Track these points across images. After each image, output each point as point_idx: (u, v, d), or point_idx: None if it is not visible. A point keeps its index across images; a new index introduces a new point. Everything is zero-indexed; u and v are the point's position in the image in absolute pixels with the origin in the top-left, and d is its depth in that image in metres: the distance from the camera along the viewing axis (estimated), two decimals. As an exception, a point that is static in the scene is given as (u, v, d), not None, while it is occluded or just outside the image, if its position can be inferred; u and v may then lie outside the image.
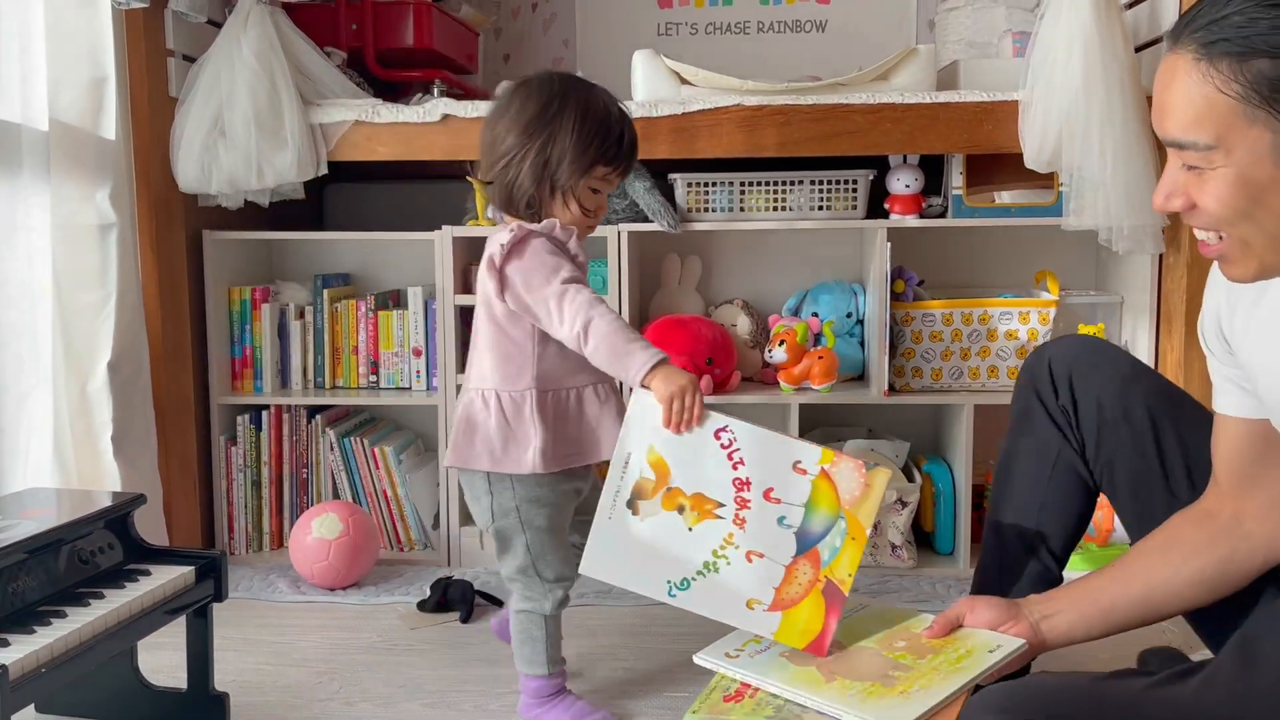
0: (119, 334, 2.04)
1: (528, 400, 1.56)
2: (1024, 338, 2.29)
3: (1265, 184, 0.96)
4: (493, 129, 1.60)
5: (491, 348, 1.58)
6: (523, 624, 1.63)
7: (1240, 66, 0.94)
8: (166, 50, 2.23)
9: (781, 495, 1.34)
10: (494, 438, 1.56)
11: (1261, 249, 1.00)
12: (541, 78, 1.62)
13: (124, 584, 1.48)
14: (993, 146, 2.19)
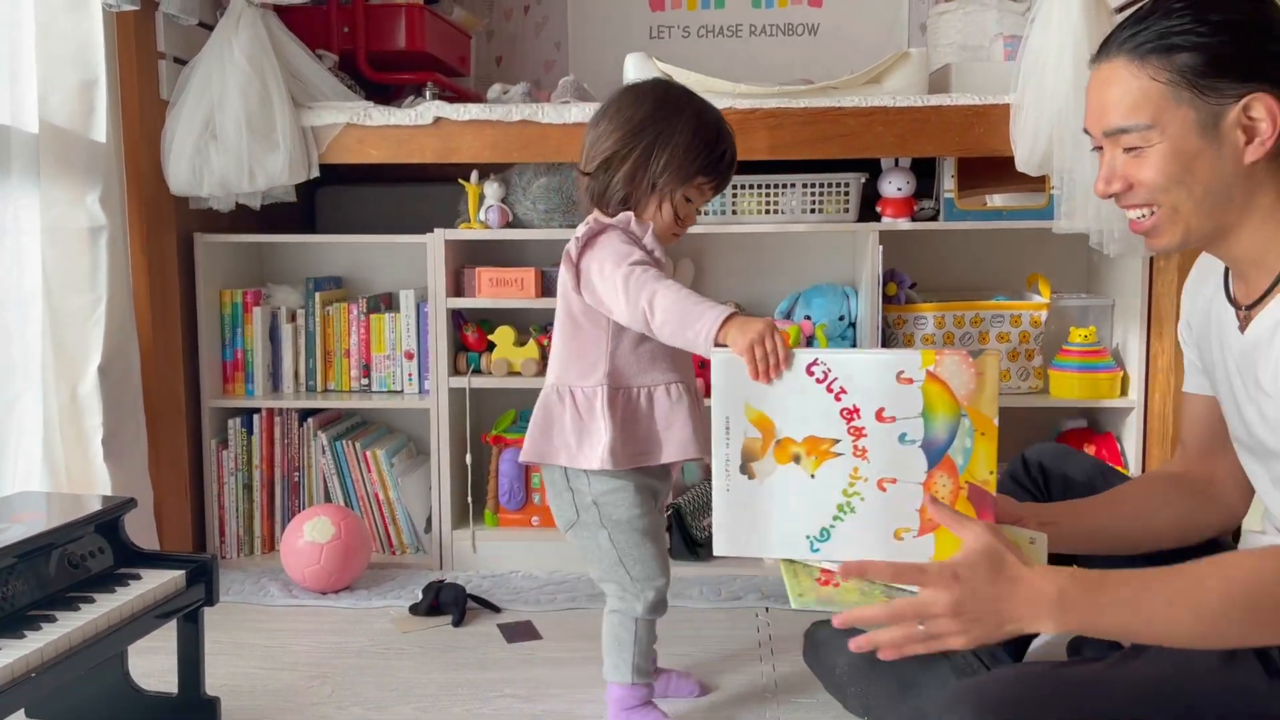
0: (109, 337, 2.04)
1: (599, 396, 1.55)
2: (1015, 340, 2.29)
3: (1193, 153, 1.15)
4: (596, 127, 1.61)
5: (567, 342, 1.59)
6: (612, 626, 1.61)
7: (1166, 60, 1.14)
8: (157, 52, 2.23)
9: (895, 412, 1.24)
10: (569, 433, 1.57)
11: (1188, 213, 1.18)
12: (655, 83, 1.65)
13: (114, 588, 1.47)
14: (984, 150, 2.20)
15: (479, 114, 2.26)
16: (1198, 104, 1.14)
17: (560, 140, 2.25)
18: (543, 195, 2.33)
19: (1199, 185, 1.17)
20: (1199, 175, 1.16)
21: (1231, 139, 1.14)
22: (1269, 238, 1.19)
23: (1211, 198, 1.17)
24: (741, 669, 1.85)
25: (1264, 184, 1.17)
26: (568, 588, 2.24)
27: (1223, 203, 1.18)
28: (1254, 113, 1.13)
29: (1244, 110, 1.13)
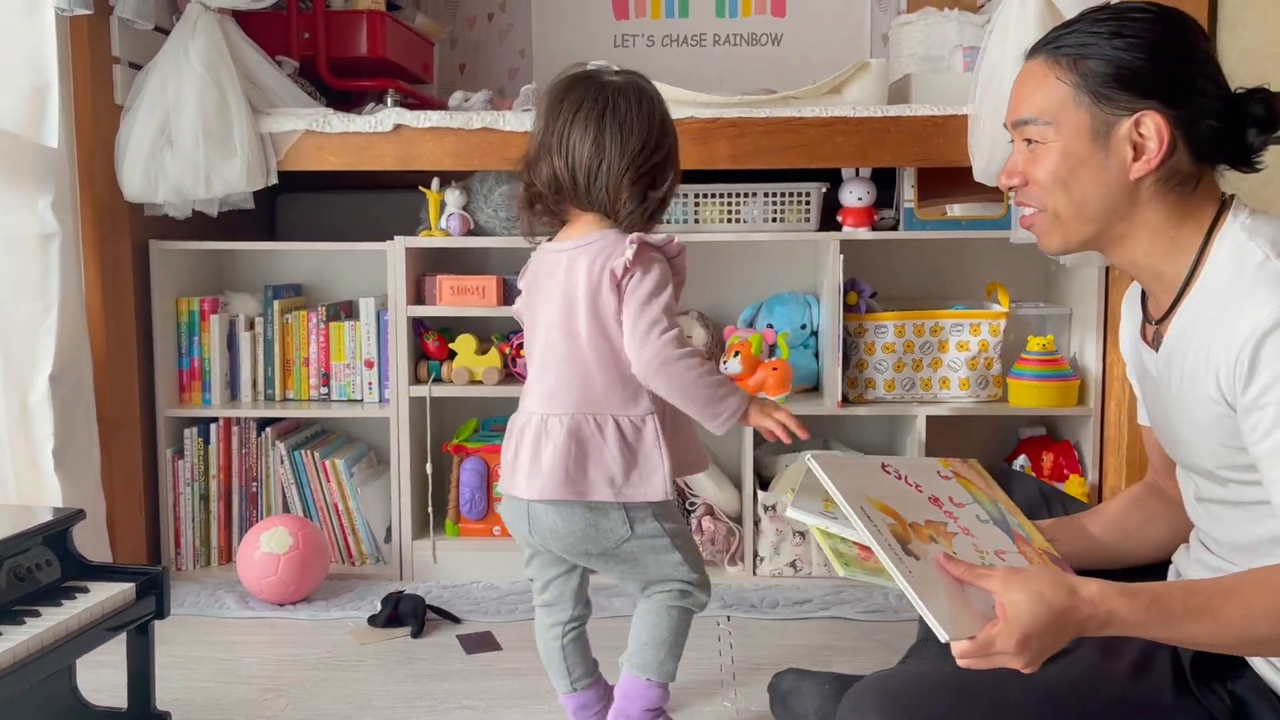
0: (60, 345, 2.00)
1: (649, 425, 1.50)
2: (975, 349, 2.31)
3: (1080, 158, 1.19)
4: (601, 126, 1.49)
5: (603, 369, 1.50)
6: (675, 620, 1.57)
7: (1075, 64, 1.18)
8: (112, 57, 2.20)
9: (960, 499, 1.32)
10: (614, 465, 1.49)
11: (1068, 218, 1.22)
12: (638, 80, 1.56)
13: (61, 601, 1.44)
14: (944, 160, 2.22)
15: (439, 121, 2.25)
16: (1094, 111, 1.17)
17: (522, 148, 2.21)
18: (504, 203, 2.32)
19: (1079, 189, 1.20)
20: (1082, 180, 1.20)
21: (1120, 152, 1.17)
22: (1163, 254, 1.21)
23: (1091, 205, 1.20)
24: (705, 678, 1.84)
25: (1151, 202, 1.19)
26: (529, 598, 2.21)
27: (1102, 212, 1.20)
28: (1144, 129, 1.16)
29: (1135, 125, 1.16)
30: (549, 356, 1.54)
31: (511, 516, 1.60)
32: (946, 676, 1.24)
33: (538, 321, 1.57)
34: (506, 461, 1.58)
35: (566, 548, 1.54)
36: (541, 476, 1.50)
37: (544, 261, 1.58)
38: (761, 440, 2.50)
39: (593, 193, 1.50)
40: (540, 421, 1.52)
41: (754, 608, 2.15)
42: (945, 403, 2.33)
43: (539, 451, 1.51)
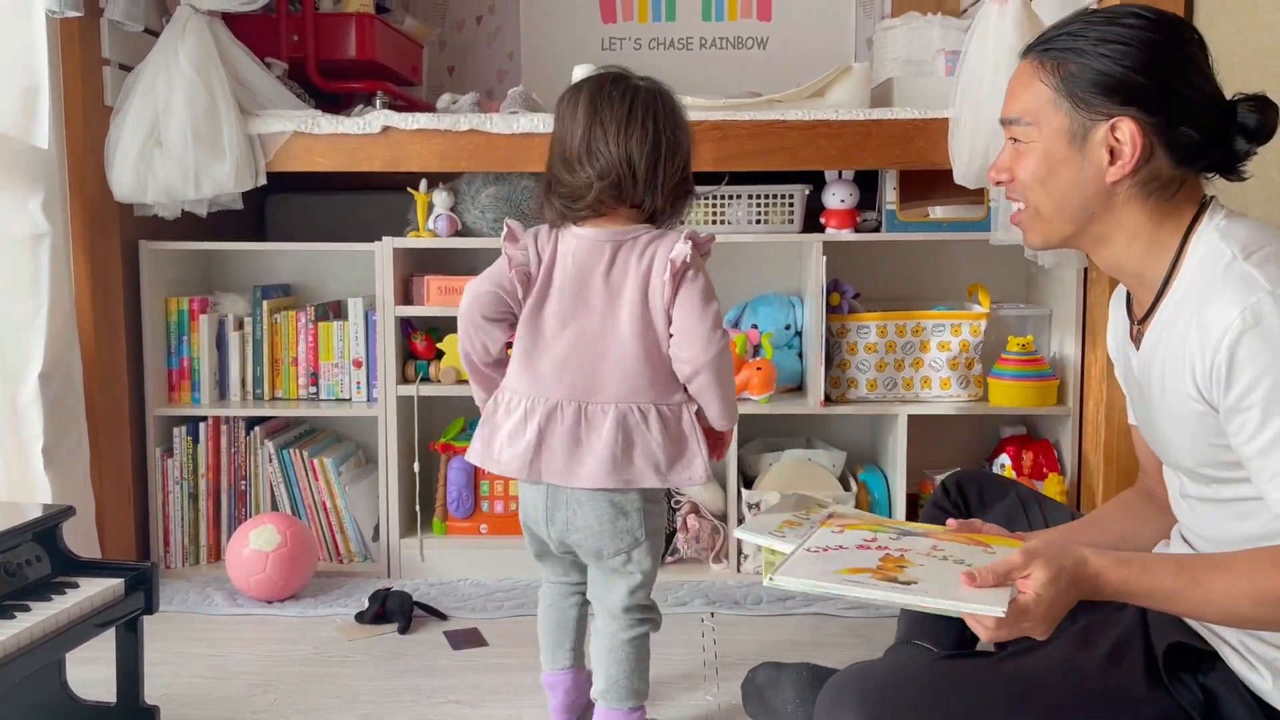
0: (50, 345, 2.02)
1: (686, 413, 1.55)
2: (956, 349, 2.34)
3: (1060, 159, 1.23)
4: (667, 131, 1.54)
5: (647, 360, 1.52)
6: (642, 648, 1.60)
7: (1058, 67, 1.21)
8: (102, 59, 2.21)
9: (869, 537, 1.35)
10: (659, 452, 1.52)
11: (1048, 216, 1.26)
12: (666, 86, 1.61)
13: (51, 596, 1.46)
14: (924, 162, 2.25)
15: (427, 123, 2.27)
16: (1073, 114, 1.20)
17: (508, 150, 2.26)
18: (491, 204, 2.34)
19: (1058, 190, 1.24)
20: (1060, 181, 1.23)
21: (1096, 155, 1.20)
22: (1141, 255, 1.23)
23: (1069, 205, 1.24)
24: (688, 673, 1.87)
25: (1129, 205, 1.22)
26: (516, 595, 2.25)
27: (1080, 212, 1.24)
28: (1119, 135, 1.18)
29: (1111, 130, 1.19)
30: (581, 344, 1.54)
31: (532, 505, 1.60)
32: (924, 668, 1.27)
33: (564, 306, 1.55)
34: (526, 445, 1.54)
35: (582, 540, 1.56)
36: (585, 464, 1.52)
37: (579, 247, 1.55)
38: (746, 439, 2.53)
39: (652, 188, 1.52)
40: (578, 409, 1.53)
41: (737, 604, 2.18)
42: (926, 402, 2.36)
43: (580, 439, 1.52)
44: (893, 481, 2.37)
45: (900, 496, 2.35)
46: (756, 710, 1.64)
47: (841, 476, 2.43)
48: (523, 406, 1.55)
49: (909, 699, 1.20)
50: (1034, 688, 1.21)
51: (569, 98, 1.57)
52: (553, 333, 1.55)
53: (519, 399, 1.56)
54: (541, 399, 1.54)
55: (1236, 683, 1.19)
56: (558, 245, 1.57)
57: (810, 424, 2.60)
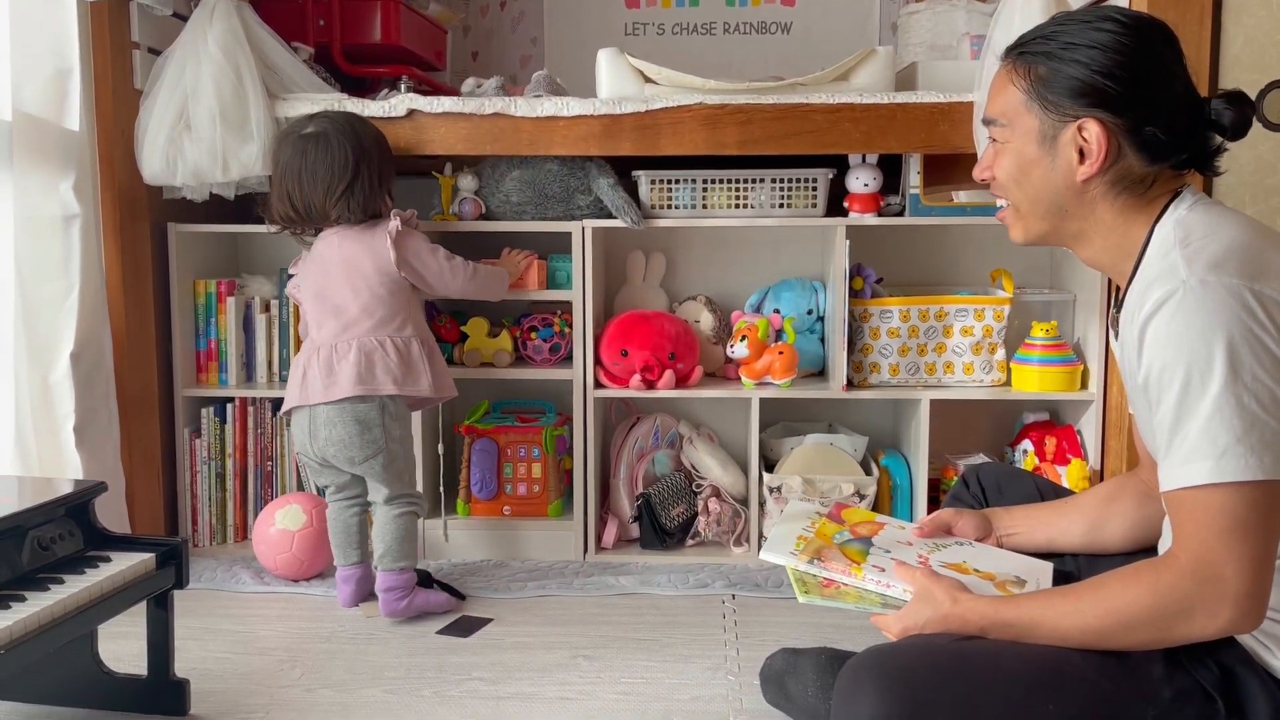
0: (81, 325, 2.05)
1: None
2: (979, 334, 2.34)
3: (1031, 160, 1.27)
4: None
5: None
6: (412, 523, 2.09)
7: (1029, 70, 1.26)
8: (131, 43, 2.24)
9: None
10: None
11: (1025, 213, 1.30)
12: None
13: (84, 570, 1.49)
14: (949, 146, 2.24)
15: (452, 107, 2.28)
16: (1042, 116, 1.25)
17: (533, 133, 2.27)
18: (516, 188, 2.35)
19: (1031, 189, 1.28)
20: (1033, 180, 1.28)
21: (1066, 155, 1.24)
22: (1117, 249, 1.27)
23: (1043, 204, 1.28)
24: (708, 654, 1.88)
25: (1102, 201, 1.25)
26: (538, 575, 2.27)
27: (1054, 211, 1.28)
28: (1086, 135, 1.22)
29: (1078, 131, 1.22)
30: (327, 306, 2.08)
31: (297, 433, 2.08)
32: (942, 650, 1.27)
33: (320, 285, 2.09)
34: (294, 384, 2.06)
35: (337, 454, 2.02)
36: (337, 384, 2.00)
37: (320, 248, 2.11)
38: (768, 424, 2.54)
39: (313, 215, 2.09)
40: (330, 349, 2.03)
41: (758, 587, 2.19)
42: (949, 387, 2.35)
43: (333, 368, 2.01)
44: (914, 466, 2.37)
45: (922, 482, 2.35)
46: (776, 697, 1.64)
47: (863, 461, 2.43)
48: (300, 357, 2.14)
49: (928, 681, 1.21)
50: (1053, 669, 1.22)
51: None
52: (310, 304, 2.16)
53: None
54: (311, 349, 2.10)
55: (1252, 661, 1.19)
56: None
57: (832, 409, 2.61)
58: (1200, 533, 1.12)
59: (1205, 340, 1.10)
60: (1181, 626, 1.14)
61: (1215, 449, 1.10)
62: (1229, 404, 1.09)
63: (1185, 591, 1.13)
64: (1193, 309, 1.11)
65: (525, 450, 2.41)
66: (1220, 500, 1.11)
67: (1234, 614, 1.12)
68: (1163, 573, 1.15)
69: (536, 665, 1.83)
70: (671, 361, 2.35)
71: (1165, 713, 1.18)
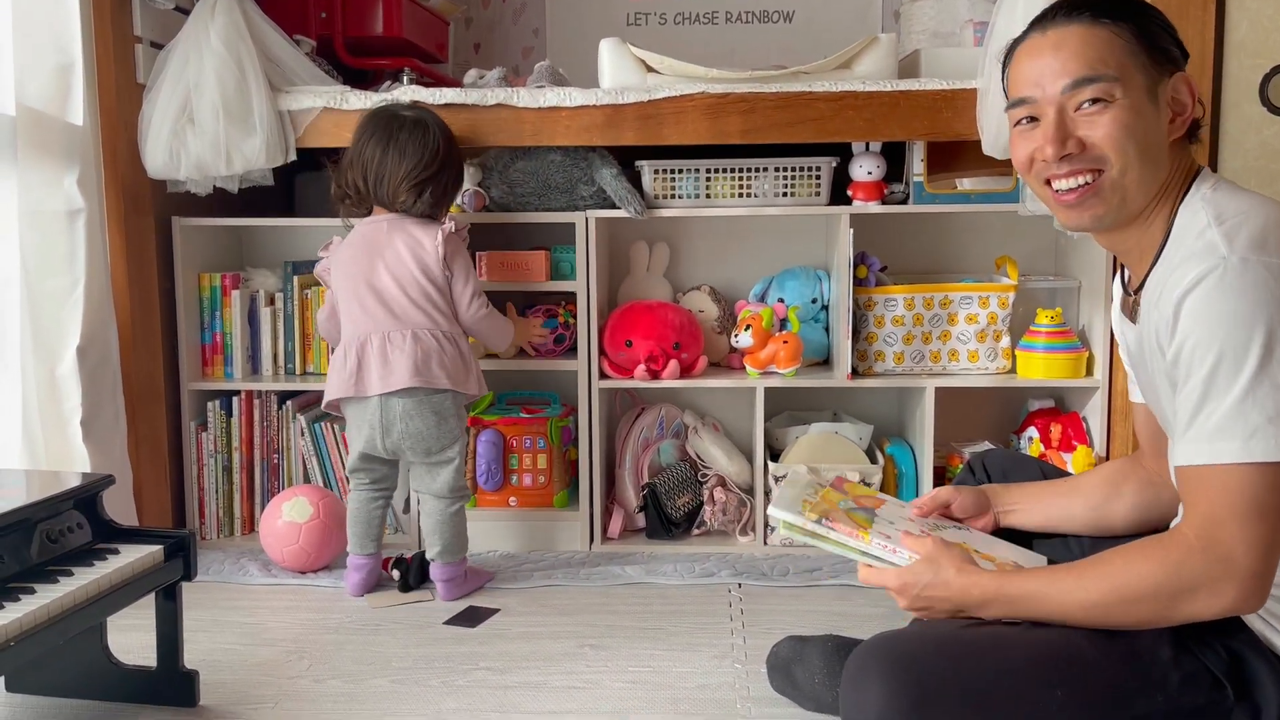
0: (87, 319, 2.06)
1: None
2: (984, 322, 2.34)
3: (1148, 117, 1.19)
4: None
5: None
6: (464, 517, 2.13)
7: (1128, 26, 1.20)
8: (134, 36, 2.24)
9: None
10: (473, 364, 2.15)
11: (1132, 180, 1.20)
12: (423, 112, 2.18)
13: (92, 562, 1.50)
14: (952, 134, 2.23)
15: (454, 98, 2.28)
16: (1148, 69, 1.20)
17: (536, 124, 2.27)
18: (519, 179, 2.35)
19: (1148, 150, 1.20)
20: (1149, 139, 1.20)
21: (1165, 113, 1.21)
22: (1145, 222, 1.24)
23: (1151, 166, 1.21)
24: (714, 642, 1.89)
25: (1170, 165, 1.23)
26: (545, 565, 2.28)
27: (1158, 174, 1.21)
28: (1179, 91, 1.20)
29: (1174, 85, 1.20)
30: (375, 293, 2.07)
31: (357, 424, 2.08)
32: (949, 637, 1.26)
33: (365, 272, 2.09)
34: (349, 372, 2.04)
35: (414, 445, 2.05)
36: (395, 374, 2.00)
37: (366, 231, 2.12)
38: (773, 413, 2.54)
39: (379, 195, 2.10)
40: (384, 337, 2.04)
41: (764, 575, 2.19)
42: (954, 375, 2.35)
43: (388, 358, 2.02)
44: (920, 455, 2.37)
45: (927, 469, 2.35)
46: (783, 685, 1.64)
47: (868, 450, 2.43)
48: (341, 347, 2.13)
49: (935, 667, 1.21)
50: (1061, 653, 1.22)
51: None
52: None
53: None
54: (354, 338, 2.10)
55: (1259, 644, 1.19)
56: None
57: (837, 397, 2.61)
58: (1216, 511, 1.12)
59: (1244, 320, 1.09)
60: (1185, 603, 1.14)
61: (1245, 429, 1.09)
62: (1263, 385, 1.08)
63: (1193, 568, 1.13)
64: (1232, 287, 1.09)
65: (531, 441, 2.41)
66: (1242, 480, 1.10)
67: (1239, 594, 1.12)
68: (1171, 549, 1.15)
69: (543, 655, 1.84)
70: (676, 351, 2.35)
71: (1174, 698, 1.18)
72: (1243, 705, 1.18)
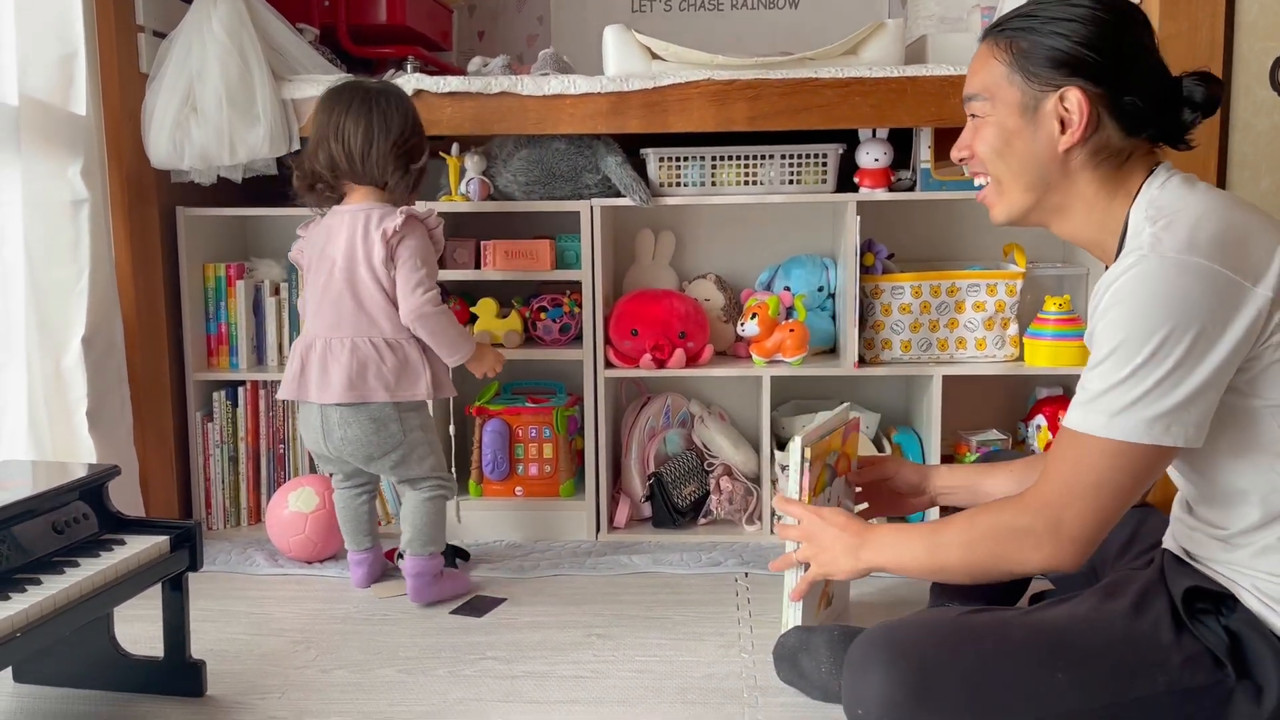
0: (92, 309, 2.05)
1: (414, 342, 2.02)
2: (991, 309, 2.32)
3: (1014, 131, 1.30)
4: (377, 118, 1.98)
5: (378, 303, 2.01)
6: (440, 508, 2.05)
7: (1011, 45, 1.30)
8: (136, 26, 2.23)
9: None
10: (389, 374, 2.00)
11: (1008, 187, 1.34)
12: (392, 85, 2.11)
13: (99, 553, 1.50)
14: (960, 120, 2.15)
15: (458, 86, 2.27)
16: (1024, 87, 1.29)
17: (540, 112, 2.26)
18: (523, 168, 2.34)
19: (1015, 161, 1.31)
20: (1016, 152, 1.31)
21: (1048, 125, 1.28)
22: (1099, 226, 1.30)
23: (1026, 176, 1.31)
24: (721, 631, 1.88)
25: (1082, 173, 1.29)
26: (551, 555, 2.27)
27: (1037, 183, 1.31)
28: (1067, 103, 1.26)
29: (1060, 100, 1.26)
30: (327, 294, 1.97)
31: (304, 426, 2.05)
32: (950, 624, 1.28)
33: (322, 268, 1.99)
34: (292, 375, 1.99)
35: (354, 453, 1.99)
36: (331, 386, 1.94)
37: (330, 223, 2.00)
38: (779, 402, 2.53)
39: (366, 169, 1.95)
40: (325, 344, 1.97)
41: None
42: (962, 363, 2.34)
43: (327, 367, 1.95)
44: (927, 443, 2.36)
45: (935, 458, 2.34)
46: (789, 675, 1.64)
47: (875, 438, 2.42)
48: (298, 345, 2.02)
49: (937, 652, 1.22)
50: (1062, 638, 1.23)
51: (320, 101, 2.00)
52: (313, 289, 2.03)
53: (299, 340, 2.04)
54: (308, 337, 2.01)
55: (1258, 623, 1.21)
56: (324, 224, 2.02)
57: (844, 386, 2.60)
58: (1063, 474, 1.23)
59: (1151, 315, 1.15)
60: (1013, 550, 1.27)
61: (1114, 407, 1.17)
62: (1146, 377, 1.15)
63: (1025, 521, 1.25)
64: (1149, 283, 1.16)
65: (537, 431, 2.41)
66: (1094, 452, 1.20)
67: (1056, 553, 1.23)
68: (1016, 501, 1.29)
69: (550, 644, 1.83)
70: (682, 340, 2.35)
71: (1175, 678, 1.19)
72: (1244, 684, 1.18)
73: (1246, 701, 1.18)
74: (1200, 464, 1.25)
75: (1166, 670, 1.19)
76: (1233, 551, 1.24)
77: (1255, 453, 1.20)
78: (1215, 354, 1.15)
